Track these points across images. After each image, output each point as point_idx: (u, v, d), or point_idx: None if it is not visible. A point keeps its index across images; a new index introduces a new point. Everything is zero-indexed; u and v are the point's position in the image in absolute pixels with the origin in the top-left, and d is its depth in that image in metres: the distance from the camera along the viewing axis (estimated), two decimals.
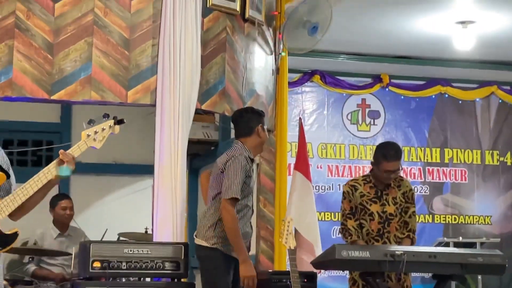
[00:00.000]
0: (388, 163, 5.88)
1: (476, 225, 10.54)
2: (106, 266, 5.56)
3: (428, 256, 5.51)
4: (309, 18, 7.30)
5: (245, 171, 5.48)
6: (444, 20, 8.49)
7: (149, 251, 5.70)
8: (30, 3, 5.98)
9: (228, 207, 5.40)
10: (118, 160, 9.63)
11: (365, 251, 5.45)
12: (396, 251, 5.39)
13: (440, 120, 10.62)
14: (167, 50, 6.17)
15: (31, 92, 5.95)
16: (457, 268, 5.64)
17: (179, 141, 6.15)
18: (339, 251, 5.36)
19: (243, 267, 5.42)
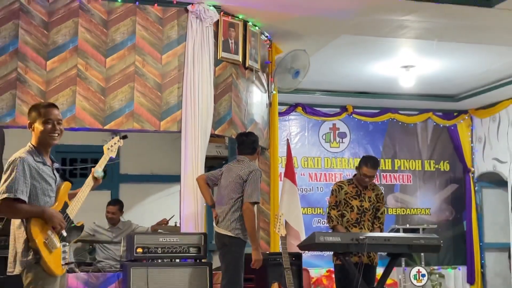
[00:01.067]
0: (367, 169, 5.98)
1: (419, 215, 10.50)
2: (146, 251, 5.57)
3: (383, 240, 5.52)
4: (292, 66, 7.32)
5: (261, 180, 5.56)
6: (392, 65, 8.49)
7: (177, 239, 5.69)
8: (88, 59, 6.01)
9: (251, 208, 5.42)
10: (155, 172, 9.60)
11: (337, 236, 5.45)
12: (360, 236, 5.39)
13: (390, 138, 10.60)
14: (189, 91, 6.20)
15: (89, 124, 5.98)
16: (405, 248, 5.65)
17: (199, 157, 6.16)
18: (318, 237, 5.37)
19: (256, 252, 5.40)
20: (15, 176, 3.59)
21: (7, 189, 3.57)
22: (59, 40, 5.96)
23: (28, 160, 3.69)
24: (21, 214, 3.63)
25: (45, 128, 3.80)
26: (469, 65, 8.55)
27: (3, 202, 3.57)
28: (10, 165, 3.64)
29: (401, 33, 7.15)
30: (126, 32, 6.15)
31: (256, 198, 5.42)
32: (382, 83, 9.33)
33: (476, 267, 10.42)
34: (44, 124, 3.80)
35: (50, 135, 3.83)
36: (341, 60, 8.31)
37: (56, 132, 3.84)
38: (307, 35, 7.20)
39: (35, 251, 3.59)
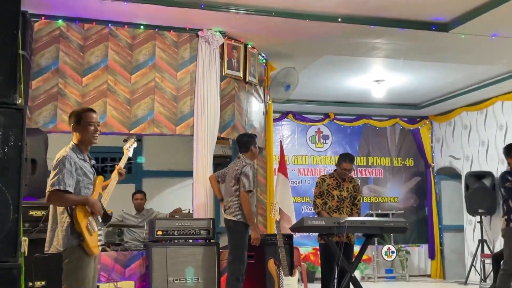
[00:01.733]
0: (346, 164, 5.99)
1: (389, 203, 10.52)
2: (165, 233, 5.60)
3: (360, 223, 5.51)
4: (284, 80, 7.32)
5: (254, 172, 5.57)
6: (366, 79, 8.50)
7: (191, 224, 5.73)
8: (116, 76, 6.02)
9: (246, 196, 5.43)
10: (172, 168, 9.61)
11: (322, 220, 5.45)
12: (340, 220, 5.40)
13: (365, 140, 10.62)
14: (199, 102, 6.20)
15: (117, 129, 5.99)
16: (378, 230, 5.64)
17: (208, 156, 6.17)
18: (306, 221, 5.37)
19: (254, 232, 5.44)
20: (64, 171, 3.58)
21: (57, 182, 3.56)
22: (92, 60, 5.98)
23: (73, 157, 3.68)
24: (68, 202, 3.61)
25: (89, 130, 3.78)
26: (429, 79, 8.57)
27: (54, 193, 3.57)
28: (59, 161, 3.62)
29: (373, 53, 7.18)
30: (148, 53, 6.17)
31: (249, 187, 5.42)
32: (358, 94, 9.35)
33: (436, 245, 10.44)
34: (88, 126, 3.78)
35: (93, 135, 3.80)
36: (324, 76, 8.33)
37: (97, 132, 3.83)
38: (297, 55, 7.22)
39: (78, 233, 3.60)
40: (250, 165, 5.52)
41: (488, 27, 6.23)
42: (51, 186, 3.56)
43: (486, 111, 9.49)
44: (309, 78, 8.27)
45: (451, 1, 5.70)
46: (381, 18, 6.13)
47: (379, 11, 5.96)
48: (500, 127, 9.23)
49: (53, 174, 3.60)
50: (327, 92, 9.27)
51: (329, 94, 9.38)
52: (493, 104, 9.29)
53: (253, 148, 5.71)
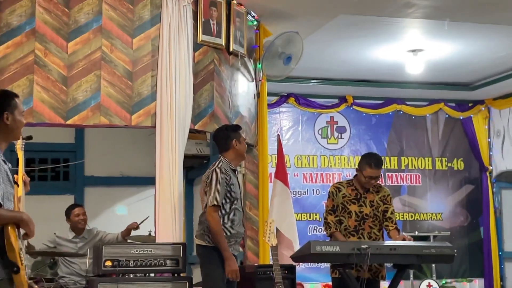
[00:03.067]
0: (372, 170, 5.99)
1: (429, 221, 10.56)
2: (116, 264, 5.57)
3: (389, 249, 5.55)
4: (284, 50, 7.33)
5: (225, 180, 5.48)
6: (397, 49, 8.54)
7: (152, 251, 5.69)
8: (47, 43, 5.98)
9: (211, 213, 5.41)
10: (125, 173, 9.61)
11: (336, 245, 5.48)
12: (361, 245, 5.42)
13: (396, 133, 10.66)
14: (164, 80, 6.19)
15: (49, 118, 5.93)
16: (414, 258, 5.69)
17: (176, 156, 6.16)
18: (313, 247, 5.40)
19: (227, 262, 5.40)
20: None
21: None
22: (13, 21, 5.91)
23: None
24: (1, 219, 3.60)
25: (22, 121, 3.81)
26: (485, 49, 8.61)
27: None
28: None
29: (408, 12, 7.18)
30: (91, 12, 6.12)
31: (215, 200, 5.42)
32: (386, 70, 9.37)
33: (495, 279, 10.50)
34: (19, 117, 3.79)
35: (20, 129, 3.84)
36: (339, 44, 8.34)
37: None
38: (300, 15, 7.22)
39: (12, 263, 3.57)
40: (219, 170, 5.52)
41: None
42: None
43: None
44: (318, 47, 8.27)
45: None
46: None
47: None
48: None
49: None
50: (343, 67, 9.29)
51: (345, 69, 9.40)
52: None
53: (235, 144, 5.69)
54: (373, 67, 9.26)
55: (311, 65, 8.80)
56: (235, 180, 5.62)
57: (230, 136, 5.70)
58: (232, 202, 5.57)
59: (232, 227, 5.54)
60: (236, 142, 5.70)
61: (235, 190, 5.59)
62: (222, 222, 5.47)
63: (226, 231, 5.49)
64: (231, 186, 5.53)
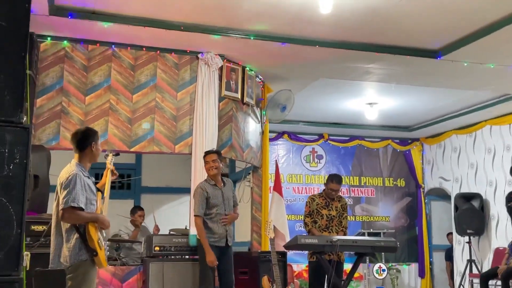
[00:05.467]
0: (333, 184, 6.05)
1: (380, 222, 10.52)
2: (162, 249, 5.60)
3: (352, 242, 5.55)
4: (281, 102, 7.36)
5: (203, 196, 5.33)
6: (359, 102, 8.56)
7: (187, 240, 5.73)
8: (118, 95, 6.05)
9: (195, 220, 5.36)
10: (169, 185, 9.62)
11: (315, 239, 5.47)
12: (333, 239, 5.41)
13: (358, 160, 10.65)
14: (199, 121, 6.22)
15: (118, 146, 6.00)
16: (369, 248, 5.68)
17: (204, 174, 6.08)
18: (299, 239, 5.40)
19: (206, 255, 5.24)
20: (76, 188, 3.64)
21: (71, 200, 3.60)
22: (95, 80, 6.02)
23: (80, 175, 3.74)
24: (82, 219, 3.66)
25: (100, 149, 3.93)
26: (420, 102, 8.64)
27: (68, 210, 3.60)
28: (70, 180, 3.66)
29: (367, 77, 7.25)
30: (149, 74, 6.21)
31: (196, 211, 5.30)
32: (352, 116, 9.40)
33: (426, 264, 10.42)
34: (99, 146, 3.92)
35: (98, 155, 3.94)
36: (319, 98, 8.39)
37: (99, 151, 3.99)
38: (293, 78, 7.28)
39: (90, 248, 3.62)
40: (197, 189, 5.40)
41: (478, 55, 6.31)
42: (65, 204, 3.59)
43: (475, 134, 9.55)
44: (304, 100, 8.33)
45: (444, 29, 5.78)
46: (374, 44, 6.20)
47: (372, 37, 6.04)
48: (489, 151, 9.29)
49: (65, 193, 3.63)
50: (322, 114, 9.32)
51: (323, 115, 9.43)
52: (482, 128, 9.36)
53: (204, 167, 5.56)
54: (342, 113, 9.27)
55: (299, 112, 8.84)
56: (215, 192, 5.43)
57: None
58: (213, 209, 5.40)
59: (215, 227, 5.39)
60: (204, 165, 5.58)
61: (214, 201, 5.40)
62: (208, 224, 5.34)
63: (211, 230, 5.35)
64: (209, 199, 5.39)
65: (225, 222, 5.46)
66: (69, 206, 3.59)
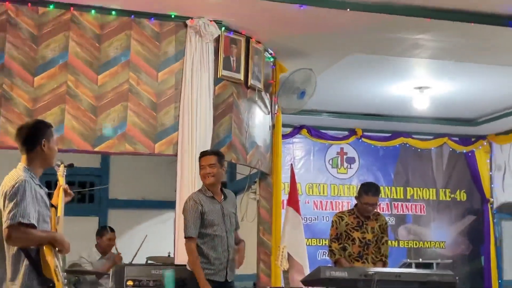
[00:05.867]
0: (368, 197, 6.08)
1: (432, 249, 10.51)
2: (137, 284, 5.58)
3: (394, 276, 5.51)
4: (298, 86, 7.35)
5: (197, 211, 5.30)
6: (405, 86, 8.56)
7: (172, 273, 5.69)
8: (78, 75, 6.07)
9: (186, 244, 5.32)
10: (147, 197, 9.66)
11: (344, 271, 5.46)
12: (369, 271, 5.40)
13: (403, 165, 10.64)
14: (186, 111, 6.23)
15: (78, 145, 6.01)
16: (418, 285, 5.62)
17: (195, 182, 6.12)
18: (323, 272, 5.37)
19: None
20: (26, 200, 3.64)
21: (19, 215, 3.59)
22: (48, 54, 6.02)
23: (32, 183, 3.74)
24: (36, 240, 3.67)
25: (56, 149, 3.94)
26: (488, 87, 8.62)
27: (16, 229, 3.59)
28: (17, 188, 3.66)
29: (415, 52, 7.23)
30: (120, 47, 6.22)
31: (188, 232, 5.28)
32: (394, 105, 9.40)
33: None
34: (54, 145, 3.93)
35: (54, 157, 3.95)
36: (350, 80, 8.38)
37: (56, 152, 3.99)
38: (314, 53, 7.27)
39: (47, 280, 3.64)
40: (189, 201, 5.36)
41: None
42: (11, 219, 3.59)
43: None
44: (330, 83, 8.32)
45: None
46: (427, 8, 6.19)
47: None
48: None
49: (11, 205, 3.63)
50: (353, 102, 9.33)
51: (355, 104, 9.43)
52: None
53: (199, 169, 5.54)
54: (381, 102, 9.28)
55: (323, 99, 8.83)
56: (213, 207, 5.40)
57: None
58: (210, 228, 5.35)
59: (213, 254, 5.34)
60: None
61: (212, 218, 5.35)
62: (203, 249, 5.32)
63: (207, 258, 5.32)
64: (205, 215, 5.33)
65: (239, 265, 5.48)
66: (17, 222, 3.59)
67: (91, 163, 9.48)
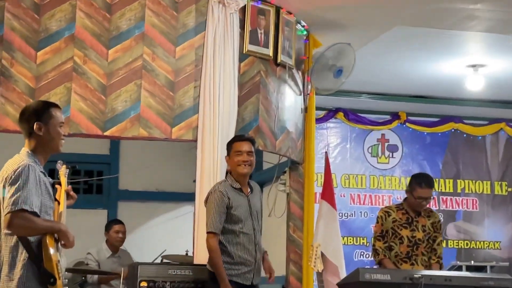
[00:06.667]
0: (422, 190, 6.08)
1: (486, 250, 10.46)
2: (152, 285, 5.60)
3: (444, 280, 5.48)
4: (334, 63, 7.34)
5: (223, 204, 5.34)
6: (456, 64, 8.51)
7: (190, 272, 5.71)
8: (86, 49, 6.09)
9: (208, 240, 5.35)
10: (161, 188, 9.69)
11: (386, 274, 5.44)
12: (414, 274, 5.38)
13: (452, 154, 10.58)
14: (208, 91, 6.25)
15: (86, 129, 6.03)
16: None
17: (218, 172, 6.18)
18: (362, 274, 5.35)
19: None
20: (29, 186, 3.70)
21: (22, 201, 3.66)
22: (52, 26, 6.04)
23: (37, 170, 3.80)
24: (39, 229, 3.73)
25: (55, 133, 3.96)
26: None
27: (19, 215, 3.64)
28: (20, 173, 3.72)
29: (470, 25, 7.18)
30: (133, 18, 6.22)
31: (211, 227, 5.29)
32: (444, 86, 9.35)
33: None
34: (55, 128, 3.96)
35: (60, 141, 4.00)
36: (393, 57, 8.35)
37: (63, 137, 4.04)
38: (353, 26, 7.26)
39: (48, 274, 3.68)
40: (215, 192, 5.39)
41: None
42: (13, 204, 3.65)
43: None
44: (370, 60, 8.29)
45: None
46: None
47: None
48: None
49: (13, 190, 3.69)
50: (397, 82, 9.29)
51: (400, 84, 9.40)
52: None
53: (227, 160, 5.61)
54: (429, 82, 9.23)
55: (362, 79, 8.79)
56: (240, 200, 5.45)
57: (227, 149, 5.64)
58: (236, 225, 5.40)
59: (239, 254, 5.39)
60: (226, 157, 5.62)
61: (239, 213, 5.40)
62: (227, 247, 5.37)
63: (232, 257, 5.37)
64: (231, 209, 5.37)
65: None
66: (20, 208, 3.63)
67: (99, 149, 9.55)
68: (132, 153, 9.62)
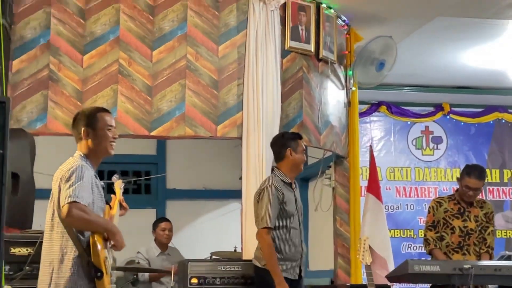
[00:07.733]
0: (469, 180, 6.02)
1: None
2: (202, 282, 5.63)
3: (494, 270, 5.44)
4: (376, 56, 7.32)
5: (277, 199, 5.32)
6: (499, 53, 8.38)
7: (239, 268, 5.72)
8: (131, 52, 6.14)
9: (263, 236, 5.31)
10: (208, 186, 9.72)
11: (436, 265, 5.41)
12: (464, 265, 5.33)
13: (498, 144, 10.44)
14: (251, 89, 6.26)
15: (133, 129, 6.09)
16: None
17: (264, 169, 6.18)
18: (411, 266, 5.34)
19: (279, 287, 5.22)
20: (83, 183, 3.78)
21: (74, 195, 3.73)
22: (97, 30, 6.11)
23: (89, 169, 3.89)
24: (93, 223, 3.80)
25: (106, 137, 4.03)
26: None
27: (75, 206, 3.71)
28: (74, 170, 3.82)
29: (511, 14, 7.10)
30: (176, 19, 6.26)
31: (266, 222, 5.26)
32: (487, 76, 9.22)
33: None
34: (106, 132, 4.02)
35: (111, 144, 4.05)
36: (435, 48, 8.26)
37: (115, 140, 4.09)
38: (394, 18, 7.22)
39: (95, 268, 3.72)
40: (269, 188, 5.35)
41: None
42: (70, 197, 3.72)
43: None
44: (412, 52, 8.23)
45: None
46: None
47: None
48: None
49: (67, 186, 3.78)
50: (439, 73, 9.20)
51: (442, 75, 9.30)
52: None
53: (290, 154, 5.48)
54: (472, 72, 9.12)
55: (404, 71, 8.71)
56: (290, 196, 5.46)
57: (285, 144, 5.51)
58: (287, 220, 5.40)
59: (287, 249, 5.39)
60: (290, 151, 5.46)
61: (290, 208, 5.41)
62: (277, 243, 5.36)
63: (281, 253, 5.35)
64: (284, 204, 5.37)
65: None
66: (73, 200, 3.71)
67: (146, 149, 9.60)
68: (178, 152, 9.66)
